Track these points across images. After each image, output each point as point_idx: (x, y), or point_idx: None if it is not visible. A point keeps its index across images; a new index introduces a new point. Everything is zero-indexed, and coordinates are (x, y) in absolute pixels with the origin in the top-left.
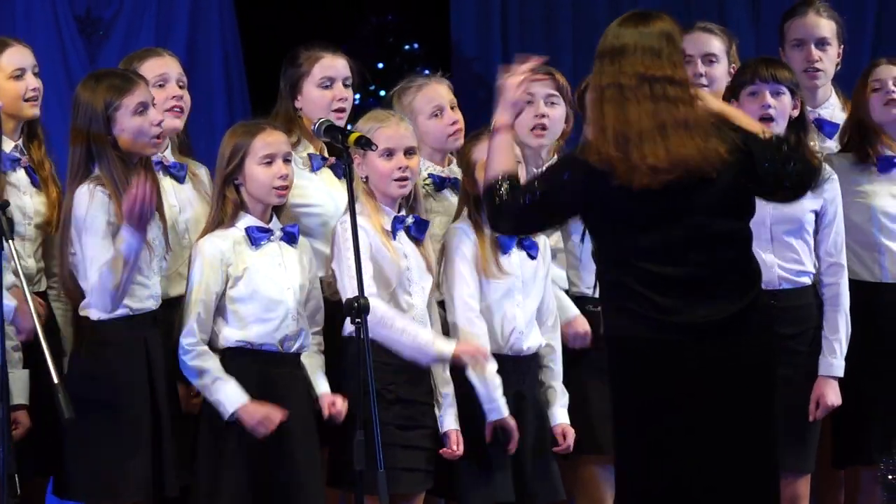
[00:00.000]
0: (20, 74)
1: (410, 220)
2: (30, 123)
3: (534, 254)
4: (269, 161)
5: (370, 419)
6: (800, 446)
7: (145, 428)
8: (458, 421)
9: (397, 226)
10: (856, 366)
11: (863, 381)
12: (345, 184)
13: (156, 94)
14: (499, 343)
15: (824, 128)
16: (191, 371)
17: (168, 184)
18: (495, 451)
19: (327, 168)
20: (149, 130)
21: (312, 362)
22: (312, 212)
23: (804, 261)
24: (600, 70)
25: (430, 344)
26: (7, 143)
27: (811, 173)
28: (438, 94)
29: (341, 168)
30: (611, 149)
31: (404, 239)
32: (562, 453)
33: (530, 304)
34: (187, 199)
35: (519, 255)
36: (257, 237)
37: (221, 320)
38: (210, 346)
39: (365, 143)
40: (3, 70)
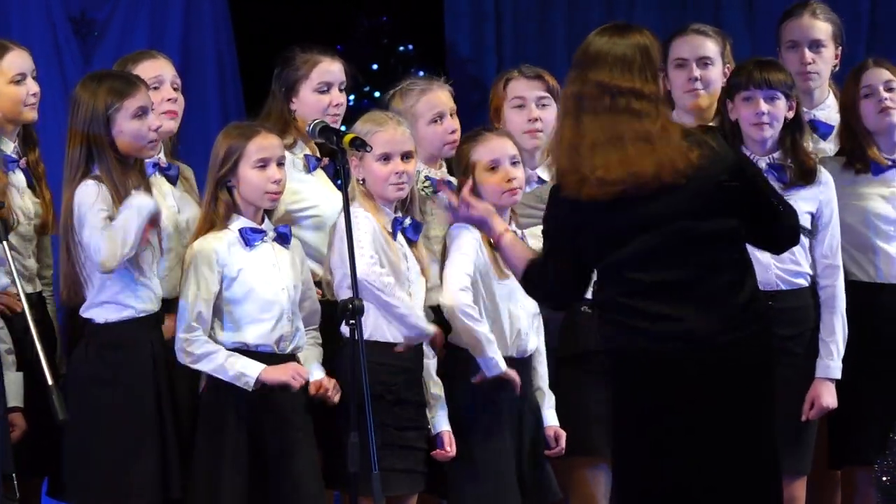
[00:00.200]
0: (21, 79)
1: (408, 221)
2: (25, 126)
3: None
4: (263, 165)
5: (365, 420)
6: (796, 448)
7: (153, 430)
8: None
9: (396, 227)
10: (852, 366)
11: (859, 382)
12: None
13: (150, 96)
14: (506, 344)
15: (819, 129)
16: (199, 358)
17: (166, 186)
18: (498, 453)
19: (321, 169)
20: (146, 135)
21: (308, 354)
22: (309, 214)
23: (801, 262)
24: (568, 79)
25: (420, 319)
26: (6, 145)
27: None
28: (441, 101)
29: (333, 169)
30: (563, 160)
31: (402, 240)
32: (554, 456)
33: (529, 303)
34: (181, 200)
35: None
36: (251, 238)
37: (216, 324)
38: None
39: (360, 145)
40: (4, 74)
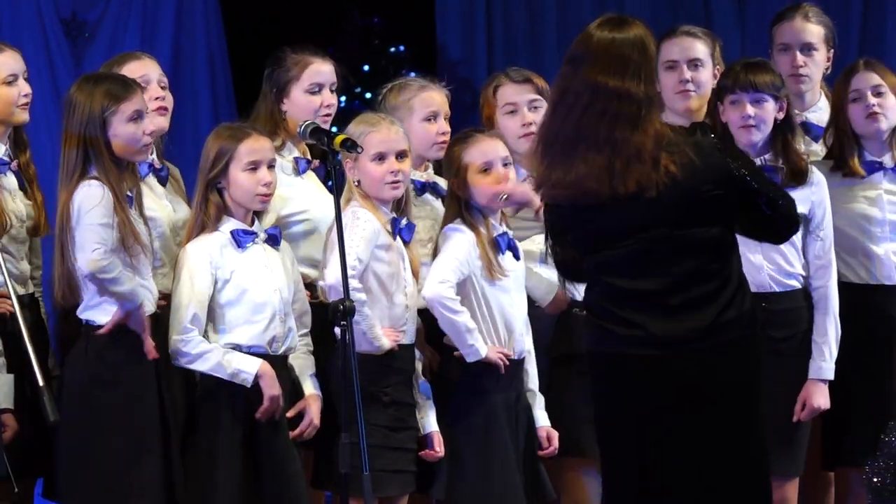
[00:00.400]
0: (13, 80)
1: (404, 222)
2: (16, 128)
3: (518, 255)
4: (254, 167)
5: (356, 421)
6: (788, 449)
7: (154, 431)
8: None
9: (396, 227)
10: (845, 367)
11: (852, 383)
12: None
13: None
14: (505, 346)
15: (812, 131)
16: (195, 357)
17: (159, 188)
18: (500, 452)
19: (311, 171)
20: (141, 138)
21: (301, 363)
22: (300, 218)
23: (793, 263)
24: (561, 71)
25: (379, 337)
26: None
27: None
28: (437, 101)
29: (324, 171)
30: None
31: (398, 240)
32: (547, 456)
33: (523, 304)
34: (176, 204)
35: (509, 255)
36: (242, 239)
37: (209, 325)
38: None
39: (351, 146)
40: None
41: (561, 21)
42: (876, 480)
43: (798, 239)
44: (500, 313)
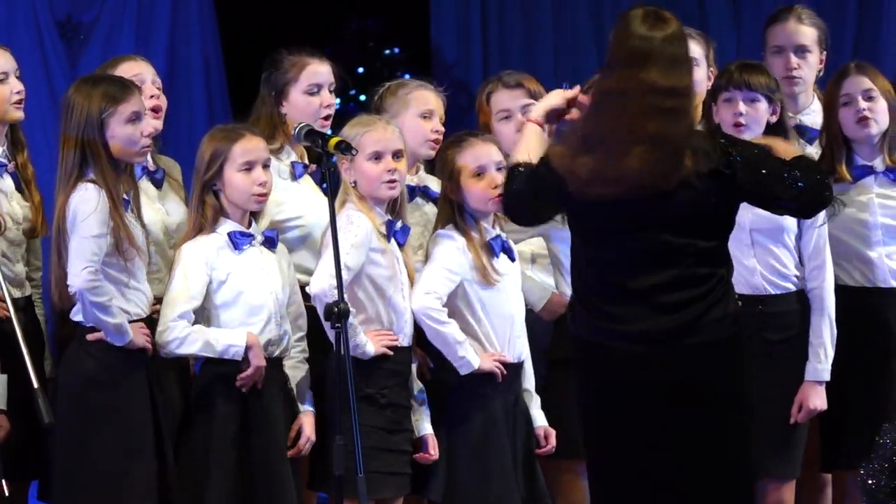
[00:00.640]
0: (3, 78)
1: (399, 224)
2: (13, 129)
3: (513, 257)
4: (249, 168)
5: (350, 423)
6: (785, 452)
7: (149, 432)
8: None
9: (391, 229)
10: (841, 370)
11: (847, 386)
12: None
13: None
14: (504, 350)
15: (806, 134)
16: (183, 341)
17: (152, 190)
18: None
19: (307, 175)
20: (139, 140)
21: (297, 375)
22: (294, 224)
23: (787, 265)
24: (611, 74)
25: (363, 344)
26: None
27: (820, 187)
28: (434, 101)
29: (319, 175)
30: (571, 155)
31: (393, 242)
32: (544, 455)
33: (520, 307)
34: (168, 202)
35: (504, 258)
36: (240, 241)
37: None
38: None
39: (345, 148)
40: None
41: (556, 23)
42: (870, 482)
43: (792, 241)
44: (497, 317)
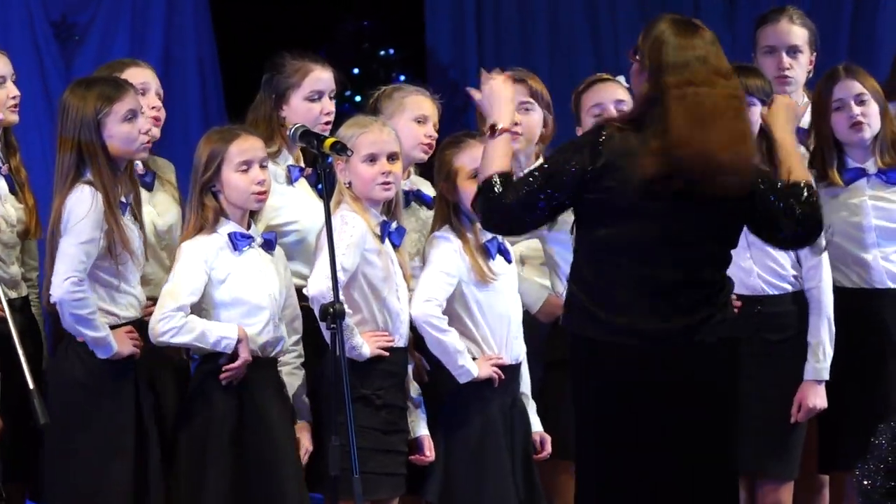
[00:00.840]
0: (1, 83)
1: (394, 225)
2: (5, 132)
3: (509, 258)
4: (246, 168)
5: (346, 424)
6: (783, 453)
7: (131, 436)
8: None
9: (385, 230)
10: (839, 371)
11: (845, 387)
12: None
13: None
14: (502, 352)
15: (797, 135)
16: (179, 330)
17: (144, 193)
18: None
19: (303, 179)
20: (137, 138)
21: (294, 383)
22: (290, 229)
23: (785, 266)
24: (645, 83)
25: (361, 345)
26: None
27: (816, 222)
28: (429, 107)
29: (315, 177)
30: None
31: (388, 244)
32: (540, 460)
33: (517, 308)
34: (162, 206)
35: (500, 260)
36: (240, 243)
37: None
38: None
39: (340, 149)
40: None
41: (552, 24)
42: (866, 483)
43: None
44: (494, 318)
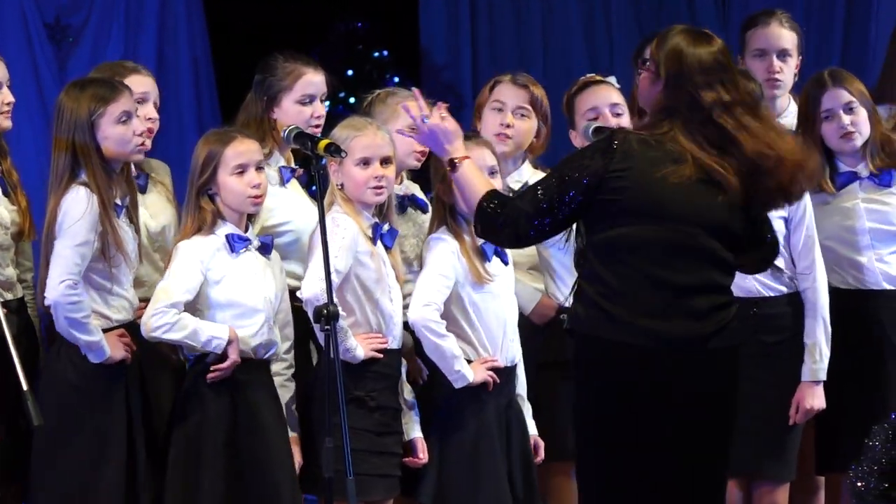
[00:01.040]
0: None
1: (386, 227)
2: None
3: (506, 260)
4: (242, 171)
5: (340, 426)
6: (780, 454)
7: (120, 438)
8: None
9: (377, 232)
10: (835, 372)
11: (842, 388)
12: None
13: (141, 109)
14: (497, 353)
15: None
16: (171, 326)
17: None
18: (490, 458)
19: (294, 180)
20: (131, 139)
21: (284, 395)
22: (284, 229)
23: (779, 267)
24: (663, 91)
25: (355, 348)
26: None
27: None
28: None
29: (305, 176)
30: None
31: (380, 245)
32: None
33: (513, 310)
34: (155, 208)
35: (496, 261)
36: (237, 245)
37: None
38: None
39: (335, 151)
40: None
41: (546, 25)
42: (860, 485)
43: (782, 242)
44: (490, 319)
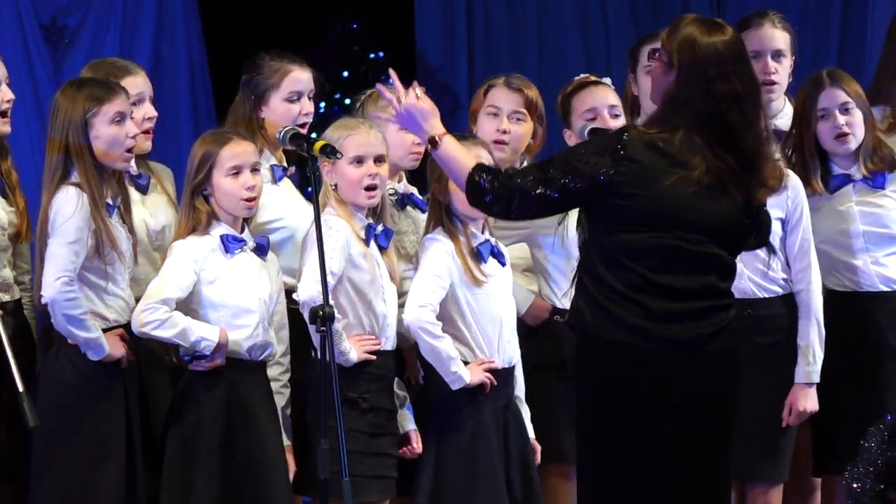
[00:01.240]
0: None
1: (380, 228)
2: None
3: (503, 261)
4: (236, 172)
5: (335, 427)
6: (774, 455)
7: (120, 439)
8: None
9: (370, 233)
10: (831, 374)
11: (838, 390)
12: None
13: (136, 111)
14: (492, 354)
15: (779, 138)
16: (161, 324)
17: (136, 195)
18: (487, 459)
19: (287, 178)
20: (123, 141)
21: (279, 403)
22: (277, 226)
23: (775, 269)
24: (675, 81)
25: (349, 350)
26: None
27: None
28: None
29: (298, 176)
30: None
31: (374, 246)
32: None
33: (511, 311)
34: (155, 207)
35: (493, 262)
36: (231, 246)
37: None
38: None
39: (330, 152)
40: None
41: (542, 26)
42: (855, 486)
43: (778, 244)
44: (486, 320)
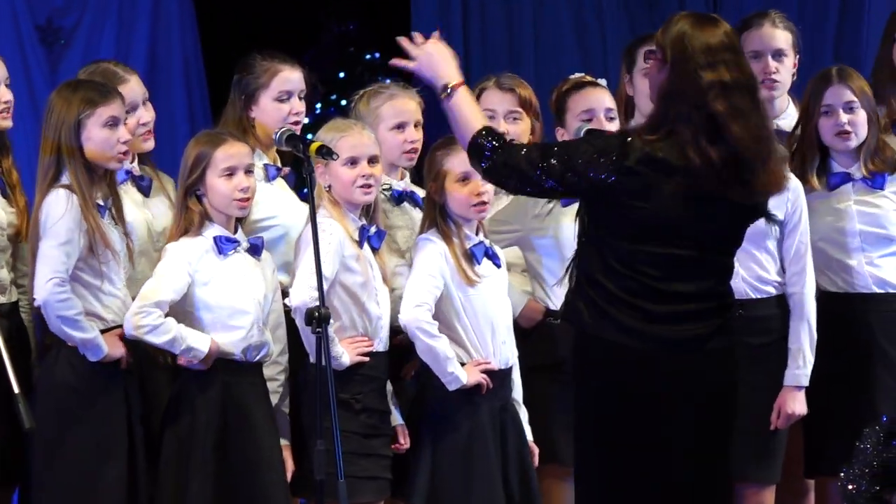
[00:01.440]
0: None
1: (373, 229)
2: None
3: (498, 263)
4: (230, 173)
5: (330, 428)
6: (765, 457)
7: (121, 439)
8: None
9: (363, 234)
10: (824, 375)
11: (831, 391)
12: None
13: (130, 119)
14: (490, 356)
15: (782, 138)
16: (153, 329)
17: (137, 196)
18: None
19: (280, 178)
20: (115, 145)
21: (279, 403)
22: (271, 224)
23: (769, 270)
24: (668, 75)
25: (342, 354)
26: None
27: None
28: (407, 109)
29: (293, 177)
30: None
31: (367, 248)
32: None
33: (506, 313)
34: (158, 210)
35: (487, 264)
36: (224, 247)
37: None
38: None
39: (326, 153)
40: None
41: (538, 25)
42: (851, 488)
43: (774, 245)
44: (480, 321)
